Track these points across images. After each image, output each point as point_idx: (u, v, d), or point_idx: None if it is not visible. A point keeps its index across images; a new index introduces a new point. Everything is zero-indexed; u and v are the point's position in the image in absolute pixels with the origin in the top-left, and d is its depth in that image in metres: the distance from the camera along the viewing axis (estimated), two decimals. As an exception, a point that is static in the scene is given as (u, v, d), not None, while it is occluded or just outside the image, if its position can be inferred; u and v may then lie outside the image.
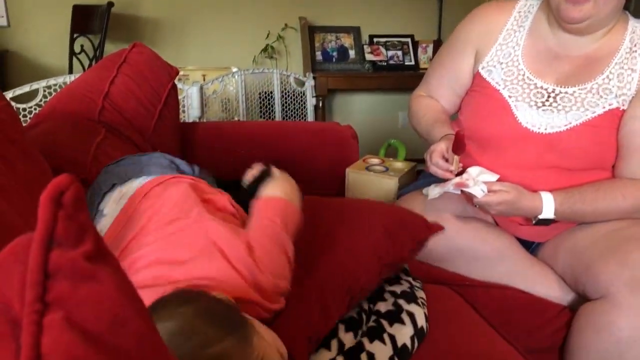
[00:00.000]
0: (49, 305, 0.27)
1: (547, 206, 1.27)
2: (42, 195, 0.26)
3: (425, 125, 1.50)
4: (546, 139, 1.32)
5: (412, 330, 0.93)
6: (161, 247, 0.78)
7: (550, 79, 1.37)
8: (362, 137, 2.01)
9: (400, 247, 1.02)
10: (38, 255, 0.26)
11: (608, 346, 1.12)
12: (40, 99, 2.36)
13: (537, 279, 1.32)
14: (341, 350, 0.87)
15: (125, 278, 0.30)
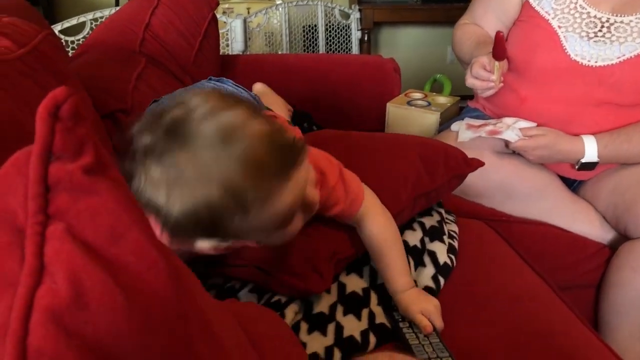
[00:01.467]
0: (51, 217, 0.28)
1: (590, 149, 1.23)
2: (39, 108, 0.27)
3: (468, 48, 1.44)
4: (596, 72, 1.26)
5: (434, 270, 0.92)
6: None
7: (606, 6, 1.29)
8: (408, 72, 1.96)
9: (435, 178, 1.00)
10: (37, 169, 0.27)
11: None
12: (88, 31, 2.40)
13: (577, 216, 1.29)
14: (374, 282, 0.88)
15: (125, 190, 0.30)
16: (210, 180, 0.59)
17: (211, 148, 0.60)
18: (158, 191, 0.60)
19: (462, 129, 1.33)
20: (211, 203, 0.59)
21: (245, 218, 0.62)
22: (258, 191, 0.61)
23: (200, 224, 0.61)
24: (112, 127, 1.14)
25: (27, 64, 0.87)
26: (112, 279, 0.27)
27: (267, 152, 0.62)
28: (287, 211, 0.66)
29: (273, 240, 0.71)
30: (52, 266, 0.27)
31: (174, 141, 0.60)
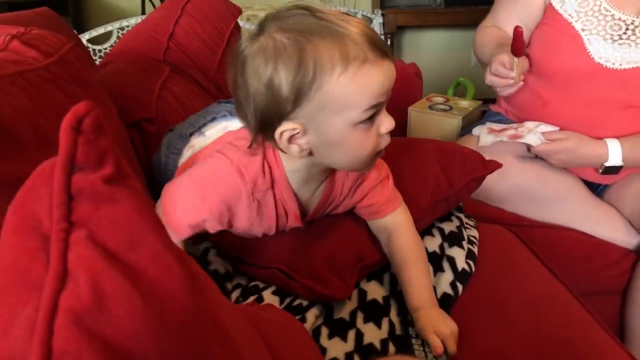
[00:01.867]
0: (74, 224, 0.30)
1: (614, 153, 1.21)
2: (63, 122, 0.29)
3: (489, 50, 1.43)
4: (620, 75, 1.25)
5: (452, 276, 0.92)
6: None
7: (631, 9, 1.28)
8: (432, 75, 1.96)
9: (453, 183, 1.00)
10: (61, 179, 0.29)
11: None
12: (115, 40, 2.45)
13: (602, 220, 1.28)
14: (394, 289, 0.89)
15: (143, 198, 0.32)
16: (327, 33, 0.68)
17: (339, 16, 0.70)
18: (269, 44, 0.70)
19: (484, 133, 1.33)
20: (320, 52, 0.67)
21: (341, 77, 0.68)
22: (360, 48, 0.68)
23: (302, 73, 0.68)
24: (137, 136, 1.17)
25: (52, 72, 0.90)
26: (131, 283, 0.29)
27: (375, 33, 0.72)
28: (374, 92, 0.70)
29: (352, 139, 0.73)
30: (74, 271, 0.29)
31: (296, 9, 0.71)
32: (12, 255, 0.30)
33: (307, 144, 0.73)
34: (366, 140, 0.73)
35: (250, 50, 0.71)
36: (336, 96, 0.69)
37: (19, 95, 0.79)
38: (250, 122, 0.74)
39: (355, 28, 0.69)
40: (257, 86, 0.70)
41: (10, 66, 0.83)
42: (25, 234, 0.30)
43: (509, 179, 1.23)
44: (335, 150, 0.74)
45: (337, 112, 0.70)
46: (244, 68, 0.71)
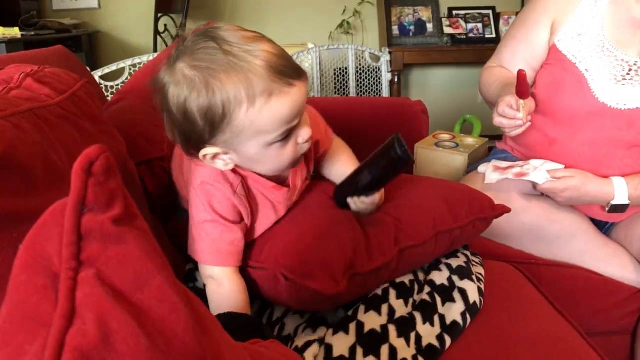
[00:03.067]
0: (83, 263, 0.30)
1: (620, 191, 1.21)
2: (75, 165, 0.30)
3: (495, 90, 1.45)
4: (625, 115, 1.26)
5: (464, 306, 0.93)
6: None
7: (633, 50, 1.30)
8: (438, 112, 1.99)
9: (458, 218, 1.01)
10: (71, 219, 0.30)
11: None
12: (127, 77, 2.50)
13: (609, 259, 1.27)
14: (392, 317, 0.88)
15: (150, 239, 0.33)
16: (233, 71, 0.72)
17: (233, 45, 0.74)
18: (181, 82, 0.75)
19: (489, 171, 1.34)
20: (224, 89, 0.72)
21: (250, 111, 0.73)
22: (266, 85, 0.73)
23: (211, 112, 0.74)
24: (148, 173, 1.18)
25: (64, 109, 0.92)
26: (137, 322, 0.29)
27: (279, 57, 0.75)
28: (287, 118, 0.77)
29: (270, 155, 0.81)
30: (82, 309, 0.29)
31: (205, 41, 0.75)
32: (22, 293, 0.31)
33: (230, 160, 0.83)
34: (284, 154, 0.82)
35: (167, 79, 0.78)
36: (247, 127, 0.76)
37: (31, 132, 0.81)
38: (178, 142, 0.82)
39: (260, 60, 0.74)
40: (175, 115, 0.78)
41: (24, 103, 0.85)
42: (35, 272, 0.31)
43: (515, 217, 1.23)
44: (258, 165, 0.84)
45: (251, 138, 0.78)
46: (164, 95, 0.78)
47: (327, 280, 0.84)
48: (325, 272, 0.85)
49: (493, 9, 3.75)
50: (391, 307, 0.90)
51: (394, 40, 3.62)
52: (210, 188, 0.86)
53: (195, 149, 0.81)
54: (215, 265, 0.89)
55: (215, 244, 0.88)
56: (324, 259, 0.86)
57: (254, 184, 0.90)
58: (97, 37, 3.81)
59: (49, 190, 0.76)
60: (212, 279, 0.89)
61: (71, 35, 3.44)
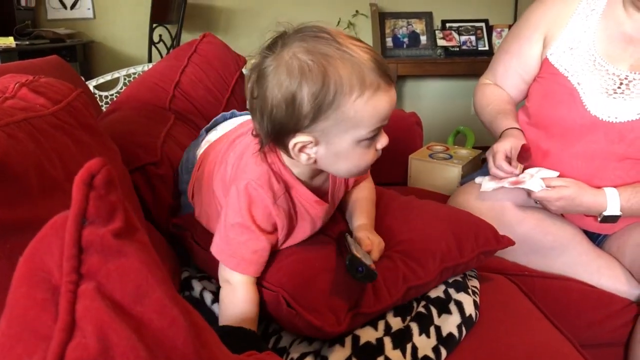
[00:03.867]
0: (83, 276, 0.31)
1: (612, 202, 1.22)
2: (76, 178, 0.30)
3: (488, 116, 1.47)
4: (616, 128, 1.27)
5: (460, 319, 0.93)
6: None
7: (624, 64, 1.31)
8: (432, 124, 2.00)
9: (464, 253, 1.01)
10: (72, 232, 0.30)
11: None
12: (121, 86, 2.50)
13: (602, 271, 1.28)
14: (388, 331, 0.88)
15: (151, 252, 0.33)
16: (343, 56, 0.76)
17: (344, 39, 0.78)
18: (292, 66, 0.77)
19: (486, 180, 1.34)
20: (339, 75, 0.75)
21: (358, 100, 0.76)
22: (375, 78, 0.77)
23: (322, 95, 0.76)
24: (142, 180, 1.19)
25: (60, 118, 0.92)
26: (137, 335, 0.29)
27: (382, 60, 0.79)
28: (382, 116, 0.79)
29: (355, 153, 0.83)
30: (82, 322, 0.29)
31: (315, 32, 0.79)
32: (21, 306, 0.31)
33: (315, 154, 0.83)
34: (366, 154, 0.84)
35: (273, 65, 0.79)
36: (350, 116, 0.77)
37: (26, 141, 0.81)
38: (265, 130, 0.82)
39: (369, 56, 0.78)
40: (278, 99, 0.78)
41: (19, 113, 0.85)
42: (35, 285, 0.31)
43: (509, 228, 1.23)
44: (340, 161, 0.84)
45: (348, 129, 0.79)
46: (264, 80, 0.79)
47: (330, 318, 0.83)
48: (330, 309, 0.84)
49: (486, 22, 3.78)
50: (388, 324, 0.90)
51: (388, 52, 3.64)
52: (253, 192, 0.87)
53: (286, 137, 0.81)
54: (235, 271, 0.88)
55: (239, 249, 0.88)
56: (331, 296, 0.85)
57: (298, 196, 0.91)
58: (91, 47, 3.81)
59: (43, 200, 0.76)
60: (228, 284, 0.89)
61: (65, 45, 3.44)
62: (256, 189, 0.86)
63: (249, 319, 0.86)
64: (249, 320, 0.86)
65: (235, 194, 0.88)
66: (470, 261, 1.02)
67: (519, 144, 1.28)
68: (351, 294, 0.87)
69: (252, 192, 0.87)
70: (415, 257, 0.96)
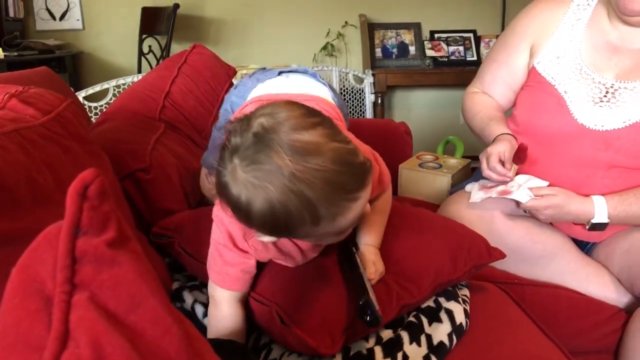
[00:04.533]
0: (76, 286, 0.31)
1: (600, 210, 1.23)
2: (70, 189, 0.30)
3: (479, 123, 1.48)
4: (603, 136, 1.28)
5: (450, 327, 0.93)
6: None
7: (610, 73, 1.33)
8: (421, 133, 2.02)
9: (457, 268, 1.01)
10: (66, 242, 0.30)
11: (663, 350, 1.09)
12: (111, 97, 2.50)
13: (591, 279, 1.29)
14: (379, 341, 0.88)
15: (143, 261, 0.33)
16: (292, 191, 0.67)
17: (295, 162, 0.67)
18: (240, 189, 0.69)
19: (475, 190, 1.35)
20: (288, 211, 0.68)
21: (313, 228, 0.71)
22: (331, 208, 0.69)
23: (271, 225, 0.71)
24: (133, 186, 1.18)
25: (49, 129, 0.92)
26: (130, 344, 0.30)
27: (343, 174, 0.69)
28: (350, 224, 0.75)
29: (326, 241, 0.83)
30: (76, 332, 0.29)
31: (260, 149, 0.68)
32: (14, 317, 0.31)
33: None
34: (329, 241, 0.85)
35: (227, 177, 0.72)
36: (308, 235, 0.76)
37: (16, 152, 0.81)
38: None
39: (323, 183, 0.68)
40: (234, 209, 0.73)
41: (8, 124, 0.85)
42: (28, 296, 0.31)
43: (498, 237, 1.24)
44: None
45: (309, 238, 0.81)
46: (225, 189, 0.73)
47: (326, 340, 0.83)
48: (326, 330, 0.84)
49: (474, 32, 3.82)
50: (378, 335, 0.90)
51: (377, 62, 3.66)
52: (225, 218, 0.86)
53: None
54: (218, 286, 0.89)
55: (224, 266, 0.88)
56: (327, 316, 0.85)
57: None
58: (80, 57, 3.80)
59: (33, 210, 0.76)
60: (213, 299, 0.90)
61: (55, 56, 3.43)
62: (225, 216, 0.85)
63: (235, 333, 0.86)
64: (235, 334, 0.86)
65: (216, 215, 0.89)
66: (462, 276, 1.03)
67: (512, 147, 1.29)
68: (347, 315, 0.86)
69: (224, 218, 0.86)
70: (410, 276, 0.95)
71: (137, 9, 3.59)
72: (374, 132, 1.88)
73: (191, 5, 3.73)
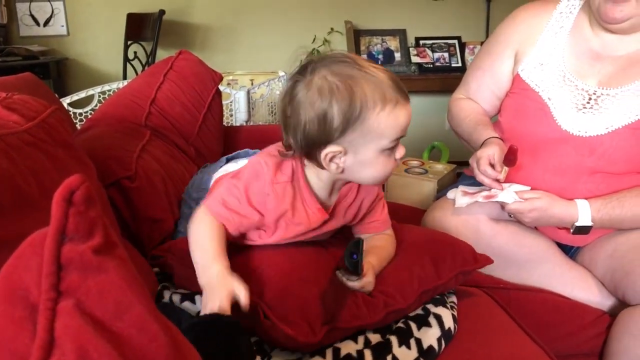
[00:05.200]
0: (62, 293, 0.30)
1: (584, 213, 1.25)
2: (55, 195, 0.30)
3: (466, 128, 1.49)
4: (586, 142, 1.30)
5: (439, 332, 0.94)
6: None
7: (592, 80, 1.35)
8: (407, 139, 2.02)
9: (442, 275, 1.02)
10: (52, 249, 0.30)
11: (646, 353, 1.10)
12: (96, 104, 2.48)
13: (576, 283, 1.30)
14: (368, 344, 0.88)
15: (129, 268, 0.33)
16: (369, 80, 0.86)
17: (372, 65, 0.89)
18: (326, 89, 0.86)
19: (459, 196, 1.36)
20: (365, 93, 0.85)
21: (381, 113, 0.86)
22: (395, 94, 0.87)
23: (352, 111, 0.86)
24: (118, 194, 1.18)
25: (34, 135, 0.91)
26: (117, 352, 0.29)
27: (399, 81, 0.90)
28: (401, 127, 0.90)
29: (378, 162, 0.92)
30: (61, 340, 0.29)
31: (339, 59, 0.88)
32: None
33: (343, 163, 0.91)
34: (388, 163, 0.93)
35: (304, 87, 0.88)
36: (375, 127, 0.87)
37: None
38: (298, 144, 0.91)
39: (386, 76, 0.89)
40: (311, 116, 0.87)
41: (-8, 130, 0.84)
42: (12, 303, 0.31)
43: (484, 242, 1.25)
44: (365, 169, 0.93)
45: (373, 140, 0.89)
46: (296, 101, 0.89)
47: (304, 328, 0.83)
48: (304, 319, 0.84)
49: (459, 39, 3.85)
50: (367, 338, 0.91)
51: (363, 68, 3.67)
52: (259, 168, 0.95)
53: (317, 149, 0.90)
54: (215, 216, 0.95)
55: (227, 213, 0.94)
56: (306, 306, 0.86)
57: (303, 198, 0.97)
58: (65, 64, 3.77)
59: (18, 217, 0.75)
60: (200, 218, 0.95)
61: (38, 62, 3.40)
62: (266, 163, 0.94)
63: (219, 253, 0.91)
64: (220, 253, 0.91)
65: (247, 167, 0.98)
66: (448, 282, 1.03)
67: (501, 150, 1.30)
68: (328, 307, 0.87)
69: (258, 168, 0.95)
70: (394, 284, 0.96)
71: (122, 15, 3.57)
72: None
73: (177, 12, 3.73)
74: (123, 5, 3.66)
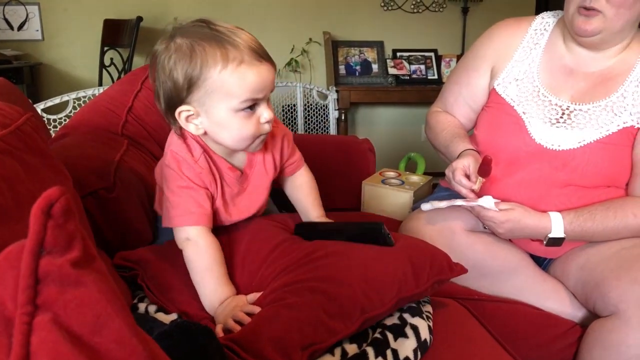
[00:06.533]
0: (39, 307, 0.30)
1: (556, 225, 1.27)
2: (34, 207, 0.29)
3: (443, 140, 1.51)
4: (560, 155, 1.32)
5: (415, 343, 0.94)
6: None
7: (565, 95, 1.38)
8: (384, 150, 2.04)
9: (420, 283, 1.02)
10: (29, 262, 0.30)
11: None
12: (70, 110, 2.45)
13: (548, 294, 1.32)
14: (344, 356, 0.88)
15: (108, 281, 0.33)
16: (215, 39, 0.92)
17: (230, 29, 0.95)
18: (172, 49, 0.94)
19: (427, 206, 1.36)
20: (205, 53, 0.91)
21: (222, 72, 0.91)
22: (240, 54, 0.92)
23: (192, 69, 0.91)
24: (94, 204, 1.16)
25: (8, 143, 0.89)
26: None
27: (255, 42, 0.96)
28: (250, 87, 0.93)
29: (235, 123, 0.96)
30: (37, 355, 0.29)
31: (197, 23, 0.96)
32: (-29, 339, 0.30)
33: (201, 124, 0.97)
34: (247, 125, 0.96)
35: (160, 49, 0.96)
36: (218, 86, 0.91)
37: (-27, 168, 0.79)
38: (162, 107, 0.98)
39: (238, 38, 0.93)
40: (163, 78, 0.95)
41: (-35, 138, 0.83)
42: (-13, 317, 0.30)
43: (459, 253, 1.26)
44: (223, 131, 0.97)
45: (221, 99, 0.93)
46: (155, 64, 0.96)
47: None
48: (279, 352, 0.80)
49: (435, 52, 3.90)
50: (344, 350, 0.90)
51: (341, 79, 3.70)
52: (177, 155, 1.02)
53: (173, 109, 0.96)
54: (189, 225, 1.01)
55: (187, 207, 1.01)
56: (278, 339, 0.82)
57: (215, 158, 1.05)
58: (39, 69, 3.72)
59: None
60: (188, 240, 1.01)
61: (12, 66, 3.35)
62: (178, 152, 1.01)
63: (219, 261, 0.99)
64: (219, 261, 0.99)
65: (167, 166, 1.03)
66: (425, 291, 1.03)
67: (476, 161, 1.32)
68: (304, 335, 0.84)
69: (177, 156, 1.01)
70: (375, 285, 0.95)
71: (99, 21, 3.54)
72: (338, 148, 1.90)
73: (154, 19, 3.70)
74: (99, 11, 3.62)
